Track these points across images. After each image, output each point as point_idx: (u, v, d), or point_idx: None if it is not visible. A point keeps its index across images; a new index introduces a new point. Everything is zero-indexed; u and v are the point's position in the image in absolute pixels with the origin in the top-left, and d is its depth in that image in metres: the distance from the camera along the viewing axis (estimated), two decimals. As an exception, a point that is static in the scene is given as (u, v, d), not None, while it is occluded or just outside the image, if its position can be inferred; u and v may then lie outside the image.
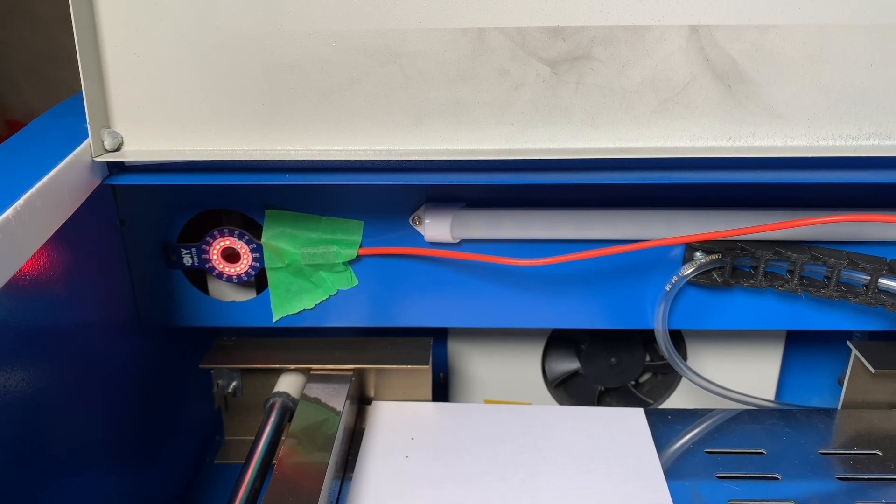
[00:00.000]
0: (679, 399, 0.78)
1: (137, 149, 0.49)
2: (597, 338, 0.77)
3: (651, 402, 0.79)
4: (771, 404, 0.68)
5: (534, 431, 0.61)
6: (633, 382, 0.79)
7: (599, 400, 0.80)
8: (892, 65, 0.45)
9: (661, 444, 0.60)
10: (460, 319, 0.64)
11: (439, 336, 0.78)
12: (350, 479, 0.56)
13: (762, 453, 0.59)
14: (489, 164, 0.49)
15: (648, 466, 0.57)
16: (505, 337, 0.77)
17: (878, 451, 0.59)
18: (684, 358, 0.76)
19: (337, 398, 0.59)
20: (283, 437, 0.58)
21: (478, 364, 0.79)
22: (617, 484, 0.56)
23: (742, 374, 0.77)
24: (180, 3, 0.45)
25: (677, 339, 0.76)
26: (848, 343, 0.65)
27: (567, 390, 0.80)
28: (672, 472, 0.57)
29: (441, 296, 0.63)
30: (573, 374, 0.79)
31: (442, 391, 0.80)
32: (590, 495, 0.55)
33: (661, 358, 0.74)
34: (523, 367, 0.79)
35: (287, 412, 0.61)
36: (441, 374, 0.80)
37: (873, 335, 0.76)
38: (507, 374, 0.79)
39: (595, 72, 0.46)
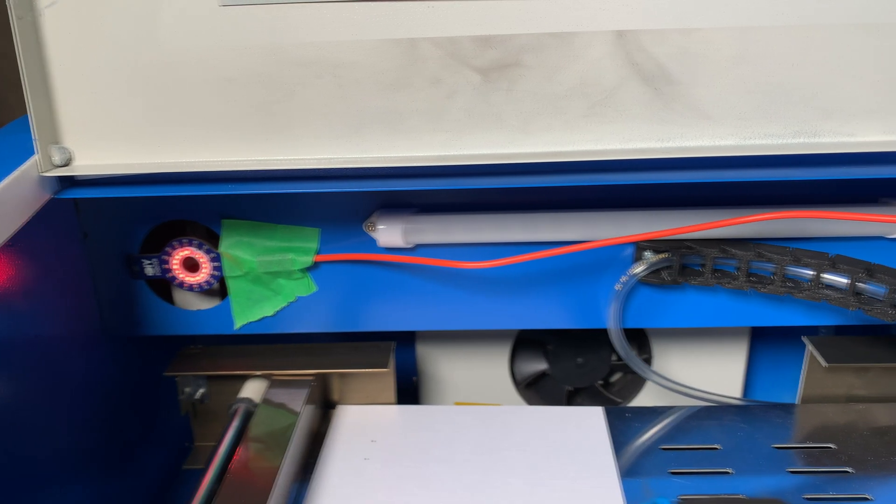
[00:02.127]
0: (648, 397, 0.79)
1: (87, 163, 0.50)
2: (563, 339, 0.78)
3: (620, 401, 0.80)
4: (732, 400, 0.68)
5: (493, 432, 0.62)
6: (601, 382, 0.79)
7: (569, 400, 0.81)
8: (814, 64, 0.46)
9: (618, 441, 0.61)
10: (419, 323, 0.66)
11: (409, 340, 0.79)
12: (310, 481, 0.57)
13: (717, 449, 0.60)
14: (427, 171, 0.50)
15: (603, 464, 0.58)
16: (473, 340, 0.78)
17: (831, 445, 0.60)
18: (650, 356, 0.77)
19: (295, 402, 0.61)
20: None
21: (447, 367, 0.80)
22: (571, 481, 0.57)
23: (708, 371, 0.78)
24: (121, 22, 0.46)
25: (641, 338, 0.77)
26: (803, 338, 0.65)
27: (537, 391, 0.81)
28: (626, 469, 0.58)
29: (399, 300, 0.64)
30: (542, 375, 0.80)
31: (413, 395, 0.81)
32: (543, 493, 0.56)
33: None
34: (492, 369, 0.80)
35: (250, 417, 0.62)
36: (414, 378, 0.81)
37: (840, 330, 0.76)
38: (476, 377, 0.80)
39: (525, 78, 0.47)
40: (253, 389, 0.65)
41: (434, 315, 0.65)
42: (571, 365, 0.78)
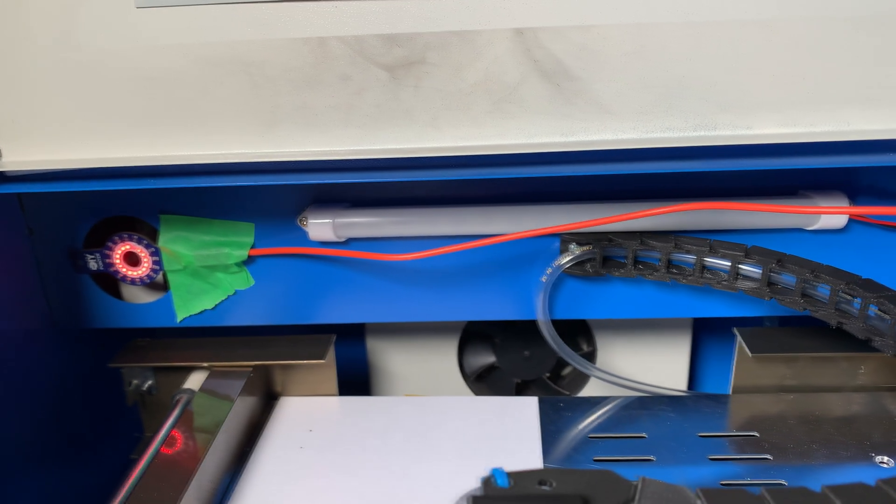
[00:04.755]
0: (595, 390, 0.81)
1: (14, 160, 0.52)
2: (510, 332, 0.79)
3: (568, 393, 0.81)
4: (666, 391, 0.69)
5: (427, 421, 0.64)
6: (548, 374, 0.81)
7: (518, 392, 0.82)
8: (710, 59, 0.47)
9: (547, 430, 0.62)
10: (360, 315, 0.67)
11: (358, 333, 0.80)
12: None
13: (643, 437, 0.61)
14: (340, 165, 0.52)
15: (529, 451, 0.60)
16: (422, 333, 0.80)
17: (755, 433, 0.61)
18: (593, 348, 0.78)
19: (231, 392, 0.62)
20: (180, 431, 0.61)
21: (397, 361, 0.81)
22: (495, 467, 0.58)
23: (652, 363, 0.79)
24: (41, 25, 0.48)
25: (586, 331, 0.78)
26: (733, 329, 0.66)
27: (487, 384, 0.83)
28: (551, 456, 0.60)
29: (338, 293, 0.66)
30: (491, 368, 0.81)
31: (365, 388, 0.83)
32: (466, 480, 0.57)
33: (573, 349, 0.76)
34: (442, 362, 0.81)
35: (190, 407, 0.64)
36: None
37: (784, 321, 0.77)
38: (426, 370, 0.82)
39: (431, 75, 0.48)
40: (196, 380, 0.67)
41: (373, 308, 0.67)
42: (518, 357, 0.80)
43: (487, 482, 0.36)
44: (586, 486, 0.34)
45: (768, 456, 0.58)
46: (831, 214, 0.56)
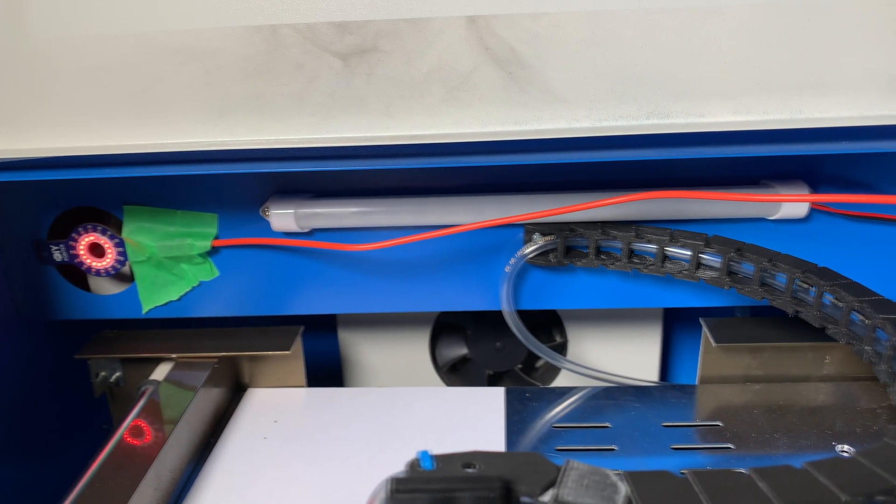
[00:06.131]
0: (567, 382, 0.80)
1: (-37, 150, 0.52)
2: (482, 323, 0.79)
3: (539, 384, 0.81)
4: (637, 382, 0.69)
5: (393, 412, 0.64)
6: (520, 366, 0.81)
7: (492, 384, 0.82)
8: (661, 47, 0.47)
9: (512, 420, 0.62)
10: (323, 306, 0.67)
11: (330, 326, 0.80)
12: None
13: (607, 427, 0.61)
14: (295, 153, 0.51)
15: (492, 441, 0.60)
16: (394, 325, 0.80)
17: (719, 423, 0.61)
18: (565, 339, 0.78)
19: (195, 383, 0.62)
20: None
21: (370, 353, 0.81)
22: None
23: (623, 354, 0.79)
24: (-10, 14, 0.48)
25: (556, 321, 0.78)
26: (700, 320, 0.66)
27: (460, 376, 0.83)
28: (515, 445, 0.60)
29: (300, 283, 0.66)
30: (464, 360, 0.81)
31: (338, 381, 0.83)
32: (428, 469, 0.57)
33: (545, 341, 0.76)
34: (414, 354, 0.81)
35: (155, 399, 0.64)
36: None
37: (756, 311, 0.77)
38: (399, 362, 0.82)
39: (384, 63, 0.48)
40: (163, 372, 0.67)
41: (340, 299, 0.67)
42: (490, 349, 0.80)
43: (413, 465, 0.36)
44: (511, 469, 0.34)
45: (730, 445, 0.58)
46: (791, 203, 0.56)
